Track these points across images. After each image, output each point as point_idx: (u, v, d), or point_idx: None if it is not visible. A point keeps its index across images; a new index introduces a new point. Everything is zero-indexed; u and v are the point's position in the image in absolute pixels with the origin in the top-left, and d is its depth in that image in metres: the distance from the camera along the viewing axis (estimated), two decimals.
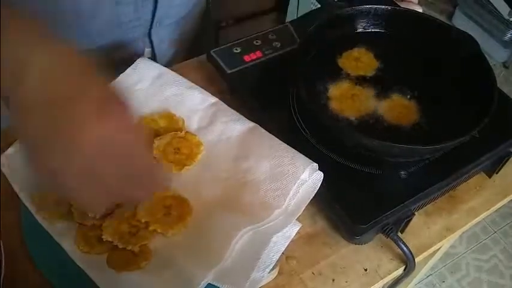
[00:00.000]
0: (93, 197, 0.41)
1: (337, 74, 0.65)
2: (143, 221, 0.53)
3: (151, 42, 0.77)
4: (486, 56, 0.64)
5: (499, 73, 2.21)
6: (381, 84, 0.65)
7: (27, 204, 0.55)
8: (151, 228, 0.53)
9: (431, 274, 1.65)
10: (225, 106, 0.65)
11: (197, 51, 0.77)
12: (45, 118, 0.40)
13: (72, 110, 0.39)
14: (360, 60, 0.67)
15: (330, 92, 0.63)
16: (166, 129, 0.62)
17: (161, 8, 0.72)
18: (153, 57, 0.79)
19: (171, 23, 0.78)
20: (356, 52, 0.68)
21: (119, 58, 0.75)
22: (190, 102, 0.65)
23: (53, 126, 0.40)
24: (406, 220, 0.57)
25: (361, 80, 0.65)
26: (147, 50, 0.78)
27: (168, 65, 0.71)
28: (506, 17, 2.07)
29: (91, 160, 0.39)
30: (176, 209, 0.55)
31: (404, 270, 0.59)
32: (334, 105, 0.62)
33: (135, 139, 0.42)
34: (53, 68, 0.41)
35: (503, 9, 2.07)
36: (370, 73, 0.66)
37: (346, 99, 0.63)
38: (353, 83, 0.65)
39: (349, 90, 0.64)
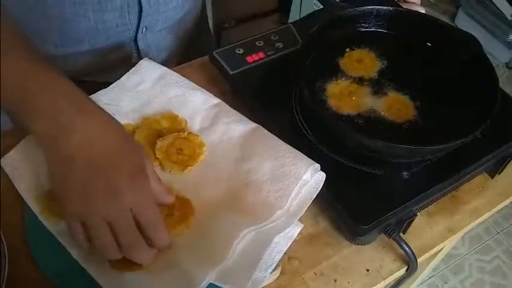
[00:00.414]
0: (107, 245, 0.47)
1: (339, 74, 0.65)
2: None
3: (137, 47, 0.77)
4: (489, 56, 0.64)
5: (502, 74, 2.21)
6: (383, 84, 0.65)
7: (31, 204, 0.55)
8: None
9: (433, 275, 1.65)
10: (228, 107, 0.65)
11: (192, 57, 0.77)
12: (80, 175, 0.47)
13: (108, 175, 0.47)
14: (362, 62, 0.67)
15: (331, 91, 0.63)
16: (169, 130, 0.62)
17: (148, 15, 0.73)
18: None
19: (163, 28, 0.78)
20: (358, 53, 0.68)
21: (110, 61, 0.75)
22: (193, 103, 0.65)
23: (88, 183, 0.46)
24: (408, 221, 0.57)
25: (363, 80, 0.65)
26: (134, 56, 0.78)
27: (177, 66, 0.72)
28: (510, 18, 2.07)
29: (115, 216, 0.46)
30: (179, 209, 0.55)
31: (407, 270, 0.59)
32: (335, 104, 0.62)
33: (153, 205, 0.49)
34: (95, 135, 0.48)
35: (506, 10, 2.07)
36: (372, 74, 0.66)
37: (348, 99, 0.63)
38: (355, 82, 0.65)
39: (351, 90, 0.64)
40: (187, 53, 0.86)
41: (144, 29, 0.75)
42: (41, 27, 0.69)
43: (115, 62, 0.74)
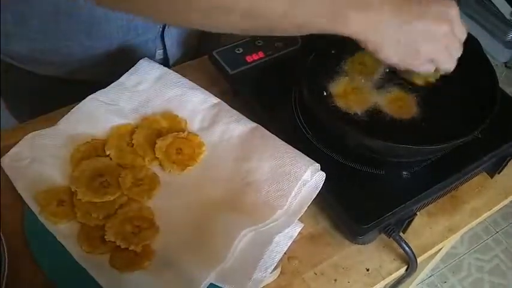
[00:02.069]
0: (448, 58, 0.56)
1: (339, 74, 0.65)
2: (113, 239, 0.53)
3: (163, 44, 0.77)
4: (488, 56, 0.64)
5: (501, 73, 2.21)
6: (384, 84, 0.65)
7: (31, 204, 0.55)
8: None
9: (433, 274, 1.65)
10: (227, 107, 0.65)
11: (204, 51, 0.77)
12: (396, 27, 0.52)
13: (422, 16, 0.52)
14: (365, 65, 0.67)
15: (332, 91, 0.63)
16: (169, 130, 0.62)
17: None
18: (165, 59, 0.79)
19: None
20: (360, 55, 0.68)
21: (133, 59, 0.75)
22: (192, 102, 0.65)
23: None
24: (408, 220, 0.57)
25: (365, 81, 0.65)
26: (159, 52, 0.78)
27: (177, 65, 0.71)
28: (508, 18, 2.07)
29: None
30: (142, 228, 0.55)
31: (406, 270, 0.59)
32: (336, 103, 0.62)
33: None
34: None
35: (505, 9, 2.07)
36: (374, 75, 0.66)
37: (349, 98, 0.63)
38: (357, 82, 0.65)
39: (351, 88, 0.64)
40: (200, 48, 0.86)
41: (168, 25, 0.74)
42: (70, 29, 0.68)
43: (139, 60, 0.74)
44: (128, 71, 0.66)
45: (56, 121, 0.62)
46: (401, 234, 0.57)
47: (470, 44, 0.65)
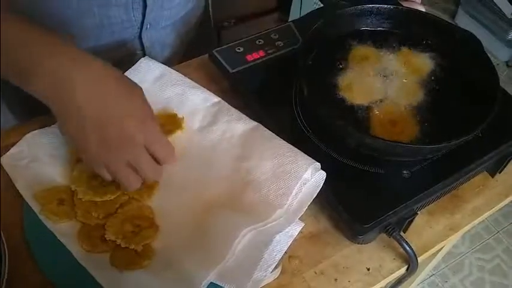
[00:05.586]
0: (131, 181, 0.52)
1: (339, 71, 0.65)
2: (113, 238, 0.53)
3: (142, 44, 0.77)
4: (489, 55, 0.64)
5: (502, 72, 2.21)
6: (387, 76, 0.65)
7: (31, 204, 0.55)
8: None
9: (433, 274, 1.65)
10: (228, 105, 0.65)
11: (194, 55, 0.77)
12: (92, 126, 0.48)
13: (120, 123, 0.49)
14: (366, 58, 0.67)
15: (332, 87, 0.63)
16: (167, 128, 0.62)
17: (152, 11, 0.72)
18: None
19: (167, 25, 0.78)
20: (363, 51, 0.68)
21: (114, 59, 0.75)
22: (193, 101, 0.65)
23: (102, 133, 0.49)
24: (408, 220, 0.57)
25: (365, 75, 0.65)
26: (139, 53, 0.78)
27: (177, 64, 0.71)
28: (510, 17, 2.07)
29: (133, 158, 0.51)
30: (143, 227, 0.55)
31: (407, 269, 0.59)
32: (337, 100, 0.62)
33: (162, 143, 0.53)
34: (97, 83, 0.49)
35: (506, 8, 2.06)
36: (377, 71, 0.66)
37: (349, 94, 0.62)
38: (357, 77, 0.64)
39: (352, 84, 0.64)
40: (190, 50, 0.86)
41: (148, 26, 0.74)
42: (45, 25, 0.68)
43: (119, 60, 0.74)
44: (127, 70, 0.66)
45: (55, 121, 0.62)
46: (401, 233, 0.57)
47: (472, 43, 0.66)
